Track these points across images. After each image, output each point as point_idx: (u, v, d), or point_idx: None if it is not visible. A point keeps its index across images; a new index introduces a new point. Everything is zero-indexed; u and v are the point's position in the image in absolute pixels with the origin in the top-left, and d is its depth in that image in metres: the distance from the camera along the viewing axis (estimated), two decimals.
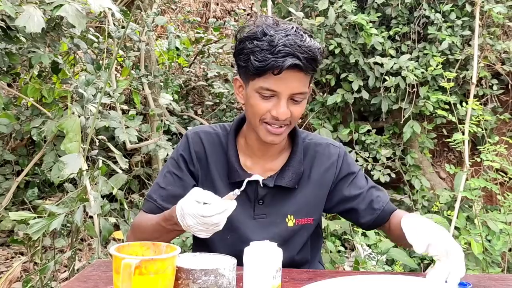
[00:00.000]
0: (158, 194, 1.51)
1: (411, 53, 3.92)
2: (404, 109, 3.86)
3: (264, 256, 1.11)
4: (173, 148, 3.29)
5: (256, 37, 1.34)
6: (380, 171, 3.86)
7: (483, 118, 3.36)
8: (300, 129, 1.59)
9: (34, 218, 2.42)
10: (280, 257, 1.14)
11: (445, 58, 3.81)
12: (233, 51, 1.45)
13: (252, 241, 1.16)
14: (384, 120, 4.13)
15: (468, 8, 3.86)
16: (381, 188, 1.60)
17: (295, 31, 1.35)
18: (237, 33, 1.43)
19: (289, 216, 1.51)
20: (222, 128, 1.57)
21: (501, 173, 3.04)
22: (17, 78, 3.59)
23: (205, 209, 1.16)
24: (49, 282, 2.60)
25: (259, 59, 1.32)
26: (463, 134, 3.33)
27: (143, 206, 1.55)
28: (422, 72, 3.73)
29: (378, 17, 3.93)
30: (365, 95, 3.87)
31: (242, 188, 1.20)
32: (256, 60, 1.32)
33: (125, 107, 4.13)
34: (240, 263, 1.14)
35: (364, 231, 3.12)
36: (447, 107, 3.63)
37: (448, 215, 2.96)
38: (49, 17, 2.81)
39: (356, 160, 3.90)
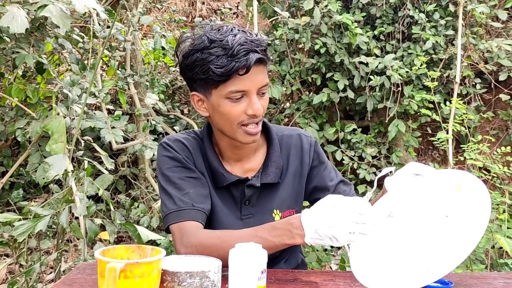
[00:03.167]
0: (187, 199, 1.41)
1: (395, 53, 3.95)
2: (389, 108, 3.89)
3: (249, 258, 1.12)
4: None
5: (205, 46, 1.32)
6: (365, 169, 3.89)
7: (466, 116, 3.40)
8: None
9: (19, 219, 2.41)
10: (265, 258, 1.15)
11: (429, 57, 3.85)
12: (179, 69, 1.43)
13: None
14: (369, 119, 4.16)
15: (451, 8, 3.91)
16: (348, 183, 1.62)
17: (238, 30, 1.36)
18: (176, 50, 1.41)
19: (275, 210, 1.53)
20: (196, 133, 1.56)
21: (484, 171, 3.08)
22: (1, 78, 3.56)
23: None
24: (35, 284, 2.59)
25: (220, 65, 1.30)
26: (447, 132, 3.37)
27: (181, 219, 1.38)
28: (407, 72, 3.77)
29: (363, 17, 3.96)
30: (350, 94, 3.89)
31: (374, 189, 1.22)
32: (218, 67, 1.31)
33: (111, 107, 4.12)
34: (225, 265, 1.15)
35: None
36: (431, 106, 3.67)
37: None
38: (33, 17, 2.79)
39: (342, 159, 3.93)
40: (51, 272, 3.03)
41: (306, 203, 1.63)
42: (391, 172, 1.28)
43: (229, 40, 1.31)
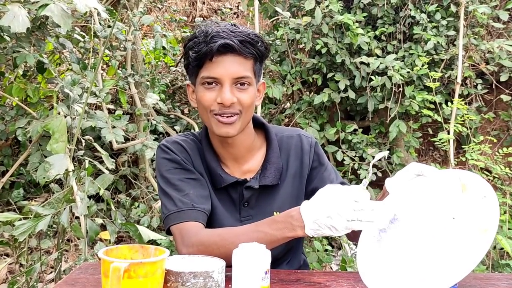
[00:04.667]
0: (187, 200, 1.40)
1: (397, 53, 3.94)
2: (390, 108, 3.89)
3: (253, 258, 1.12)
4: None
5: (195, 36, 1.38)
6: (366, 170, 3.88)
7: (467, 117, 3.40)
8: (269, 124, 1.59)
9: (20, 219, 2.41)
10: (269, 259, 1.14)
11: (430, 58, 3.84)
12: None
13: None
14: (370, 119, 4.15)
15: (453, 8, 3.90)
16: (347, 184, 1.61)
17: (232, 24, 1.39)
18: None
19: (275, 213, 1.51)
20: (194, 136, 1.55)
21: (485, 172, 3.08)
22: (1, 77, 3.55)
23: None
24: (35, 283, 2.58)
25: (196, 51, 1.36)
26: (448, 133, 3.37)
27: (181, 220, 1.38)
28: (408, 72, 3.76)
29: (364, 17, 3.95)
30: (351, 94, 3.89)
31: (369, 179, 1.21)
32: (194, 53, 1.36)
33: (111, 106, 4.12)
34: (229, 265, 1.15)
35: None
36: (432, 106, 3.67)
37: None
38: (34, 16, 2.78)
39: (343, 160, 3.92)
40: (51, 272, 3.02)
41: None
42: (385, 157, 1.27)
43: (210, 29, 1.35)
